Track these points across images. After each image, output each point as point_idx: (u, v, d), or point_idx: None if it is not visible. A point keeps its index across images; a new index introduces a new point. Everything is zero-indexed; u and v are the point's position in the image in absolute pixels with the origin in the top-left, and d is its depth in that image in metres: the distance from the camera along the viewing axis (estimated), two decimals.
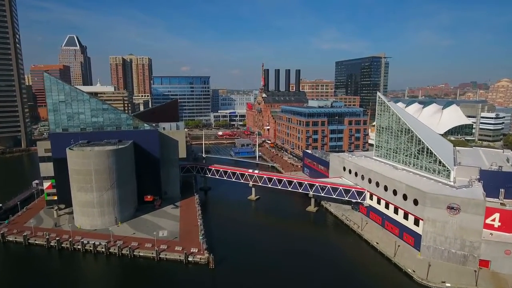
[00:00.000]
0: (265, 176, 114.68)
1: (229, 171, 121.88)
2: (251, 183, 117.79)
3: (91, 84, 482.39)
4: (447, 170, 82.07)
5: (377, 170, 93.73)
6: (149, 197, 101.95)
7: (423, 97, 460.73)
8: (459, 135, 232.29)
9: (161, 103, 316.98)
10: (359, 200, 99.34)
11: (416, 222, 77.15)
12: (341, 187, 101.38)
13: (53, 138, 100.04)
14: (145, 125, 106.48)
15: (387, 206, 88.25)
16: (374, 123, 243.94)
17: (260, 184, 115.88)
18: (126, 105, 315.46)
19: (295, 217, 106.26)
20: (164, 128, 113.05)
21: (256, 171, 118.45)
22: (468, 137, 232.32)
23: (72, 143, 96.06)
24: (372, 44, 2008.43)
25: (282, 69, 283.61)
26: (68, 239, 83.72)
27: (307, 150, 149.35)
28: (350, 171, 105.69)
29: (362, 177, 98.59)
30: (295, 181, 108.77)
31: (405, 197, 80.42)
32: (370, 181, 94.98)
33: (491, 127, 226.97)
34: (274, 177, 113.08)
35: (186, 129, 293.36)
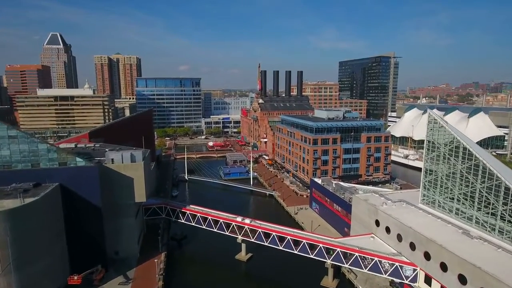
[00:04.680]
0: (260, 230, 79.19)
1: (210, 217, 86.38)
2: (240, 237, 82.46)
3: (76, 86, 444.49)
4: None
5: (442, 241, 57.69)
6: (75, 278, 64.54)
7: (424, 100, 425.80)
8: (489, 148, 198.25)
9: (146, 108, 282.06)
10: (406, 282, 63.91)
11: None
12: (376, 258, 65.83)
13: None
14: (78, 159, 70.47)
15: None
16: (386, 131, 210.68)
17: (253, 240, 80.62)
18: (106, 110, 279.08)
19: None
20: (112, 161, 77.14)
21: (247, 221, 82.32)
22: (500, 151, 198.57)
23: None
24: (371, 43, 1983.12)
25: (281, 70, 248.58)
26: None
27: (315, 179, 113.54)
28: (388, 230, 69.96)
29: (412, 246, 62.86)
30: (304, 241, 73.36)
31: None
32: (427, 256, 59.35)
33: None
34: (274, 233, 77.39)
35: (169, 140, 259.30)
